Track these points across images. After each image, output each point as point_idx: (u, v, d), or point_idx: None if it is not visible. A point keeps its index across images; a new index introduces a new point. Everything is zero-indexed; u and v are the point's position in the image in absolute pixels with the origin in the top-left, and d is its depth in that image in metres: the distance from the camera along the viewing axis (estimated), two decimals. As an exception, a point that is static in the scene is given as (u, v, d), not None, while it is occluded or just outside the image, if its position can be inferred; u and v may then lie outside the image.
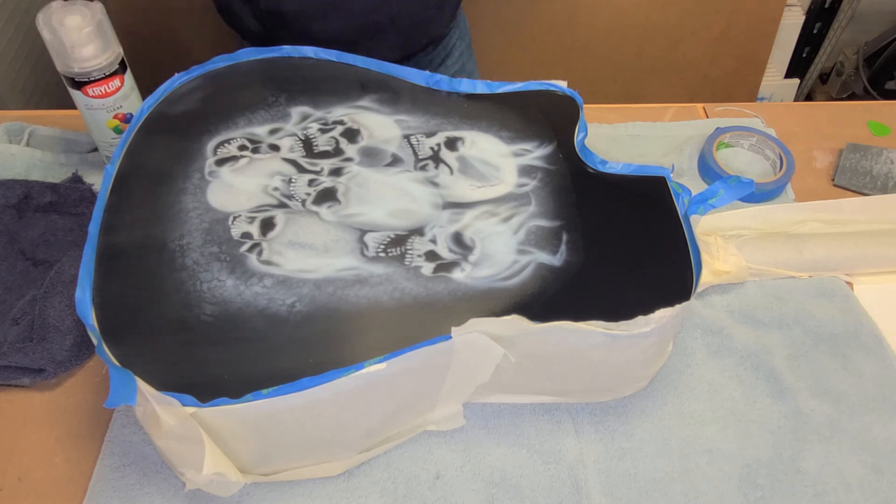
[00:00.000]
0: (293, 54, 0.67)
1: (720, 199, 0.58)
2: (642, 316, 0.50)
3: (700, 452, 0.56)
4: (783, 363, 0.61)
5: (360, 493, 0.53)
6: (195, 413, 0.44)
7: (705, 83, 1.56)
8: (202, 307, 0.50)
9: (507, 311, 0.50)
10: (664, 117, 0.84)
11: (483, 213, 0.57)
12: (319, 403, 0.46)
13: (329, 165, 0.59)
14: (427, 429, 0.55)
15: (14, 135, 0.75)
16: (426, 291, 0.52)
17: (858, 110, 0.86)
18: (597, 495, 0.53)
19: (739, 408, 0.58)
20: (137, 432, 0.55)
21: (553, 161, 0.61)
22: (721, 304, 0.65)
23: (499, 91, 0.66)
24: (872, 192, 0.75)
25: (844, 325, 0.63)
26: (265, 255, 0.53)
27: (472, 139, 0.63)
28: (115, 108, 0.67)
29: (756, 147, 0.79)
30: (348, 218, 0.56)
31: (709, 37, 1.47)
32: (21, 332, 0.59)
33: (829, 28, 1.78)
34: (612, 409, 0.58)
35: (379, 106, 0.64)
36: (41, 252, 0.66)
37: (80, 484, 0.53)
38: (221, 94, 0.64)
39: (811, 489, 0.54)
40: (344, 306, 0.50)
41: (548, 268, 0.54)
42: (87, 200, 0.70)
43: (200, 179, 0.57)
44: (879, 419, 0.58)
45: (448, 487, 0.53)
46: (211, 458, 0.45)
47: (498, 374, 0.52)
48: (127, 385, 0.44)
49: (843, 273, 0.67)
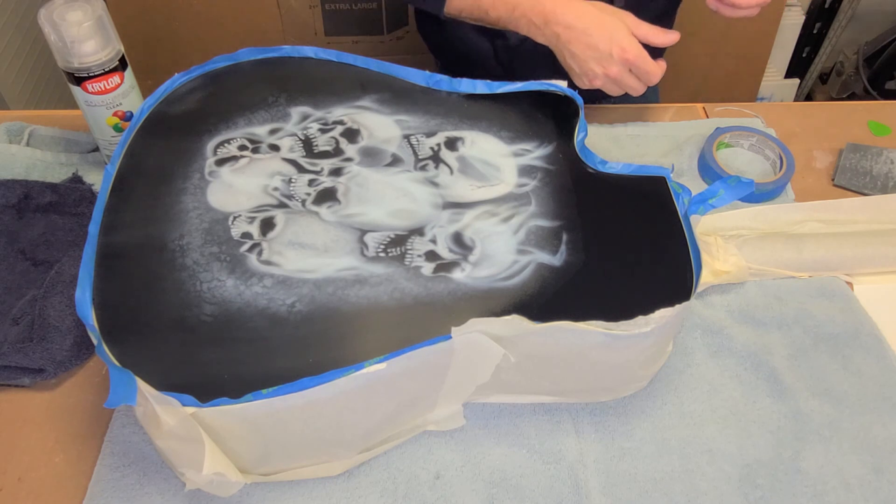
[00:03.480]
0: (293, 54, 0.67)
1: (720, 199, 0.58)
2: (642, 316, 0.49)
3: (700, 452, 0.56)
4: (783, 363, 0.61)
5: (360, 493, 0.53)
6: (195, 413, 0.44)
7: (705, 83, 1.56)
8: (202, 307, 0.50)
9: (507, 311, 0.50)
10: (664, 117, 0.84)
11: (483, 213, 0.57)
12: (319, 403, 0.46)
13: (329, 165, 0.59)
14: (427, 429, 0.55)
15: (14, 135, 0.75)
16: (426, 291, 0.52)
17: (858, 110, 0.86)
18: (597, 495, 0.53)
19: (739, 408, 0.58)
20: (137, 432, 0.55)
21: (553, 161, 0.61)
22: (721, 304, 0.65)
23: (499, 91, 0.66)
24: (872, 192, 0.75)
25: (844, 325, 0.63)
26: (265, 255, 0.53)
27: (472, 139, 0.63)
28: (115, 104, 0.67)
29: (756, 147, 0.79)
30: (348, 218, 0.56)
31: (709, 37, 1.47)
32: (21, 332, 0.59)
33: (829, 28, 1.78)
34: (612, 409, 0.58)
35: (379, 106, 0.64)
36: (41, 252, 0.66)
37: (80, 484, 0.53)
38: (221, 94, 0.64)
39: (811, 489, 0.54)
40: (344, 306, 0.50)
41: (548, 268, 0.54)
42: (87, 200, 0.70)
43: (200, 179, 0.57)
44: (879, 419, 0.58)
45: (448, 487, 0.53)
46: (211, 458, 0.45)
47: (498, 374, 0.52)
48: (127, 385, 0.44)
49: (843, 273, 0.67)
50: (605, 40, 0.66)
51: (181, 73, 0.64)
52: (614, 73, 0.67)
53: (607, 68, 0.67)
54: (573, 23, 0.67)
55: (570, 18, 0.67)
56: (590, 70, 0.68)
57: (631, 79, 0.68)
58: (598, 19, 0.67)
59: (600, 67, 0.67)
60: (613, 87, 0.69)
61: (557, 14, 0.68)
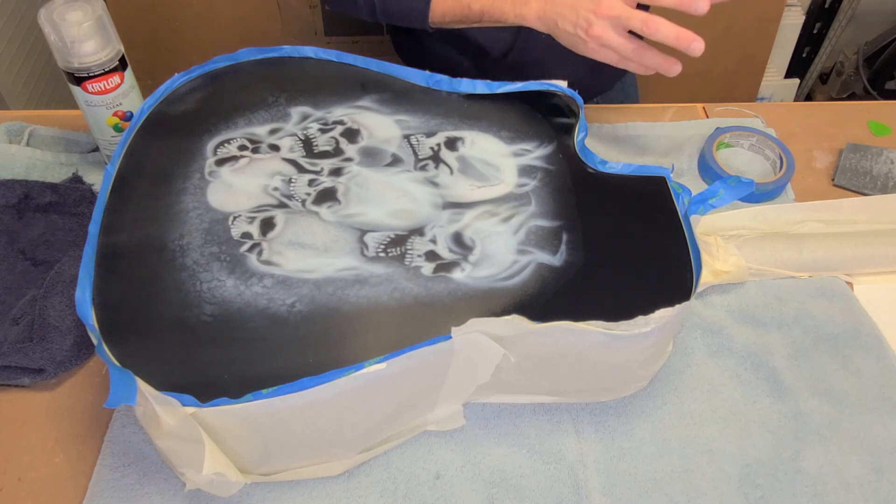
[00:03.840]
0: (293, 54, 0.67)
1: (720, 199, 0.58)
2: (642, 316, 0.50)
3: (700, 452, 0.56)
4: (783, 363, 0.61)
5: (360, 493, 0.53)
6: (195, 413, 0.44)
7: (705, 83, 1.56)
8: (202, 307, 0.50)
9: (507, 311, 0.50)
10: (664, 117, 0.84)
11: (483, 213, 0.57)
12: (319, 403, 0.46)
13: (329, 165, 0.59)
14: (427, 429, 0.55)
15: (14, 135, 0.75)
16: (426, 291, 0.52)
17: (858, 110, 0.86)
18: (597, 495, 0.53)
19: (739, 408, 0.58)
20: (137, 432, 0.55)
21: (553, 161, 0.61)
22: (721, 304, 0.65)
23: (499, 91, 0.66)
24: (872, 192, 0.75)
25: (844, 325, 0.63)
26: (265, 255, 0.53)
27: (472, 139, 0.63)
28: (115, 105, 0.67)
29: (756, 147, 0.79)
30: (348, 218, 0.56)
31: (709, 37, 1.47)
32: (21, 332, 0.59)
33: (829, 28, 1.78)
34: (612, 409, 0.58)
35: (379, 106, 0.64)
36: (41, 252, 0.66)
37: (80, 484, 0.53)
38: (221, 94, 0.64)
39: (811, 489, 0.54)
40: (344, 306, 0.50)
41: (548, 268, 0.54)
42: (87, 200, 0.70)
43: (200, 179, 0.57)
44: (879, 419, 0.58)
45: (448, 487, 0.53)
46: (211, 458, 0.45)
47: (498, 374, 0.52)
48: (127, 385, 0.44)
49: (843, 273, 0.67)
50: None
51: (181, 73, 0.64)
52: (607, 8, 0.63)
53: (598, 4, 0.63)
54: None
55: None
56: (582, 18, 0.64)
57: (625, 9, 0.63)
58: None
59: (590, 10, 0.64)
60: (615, 35, 0.64)
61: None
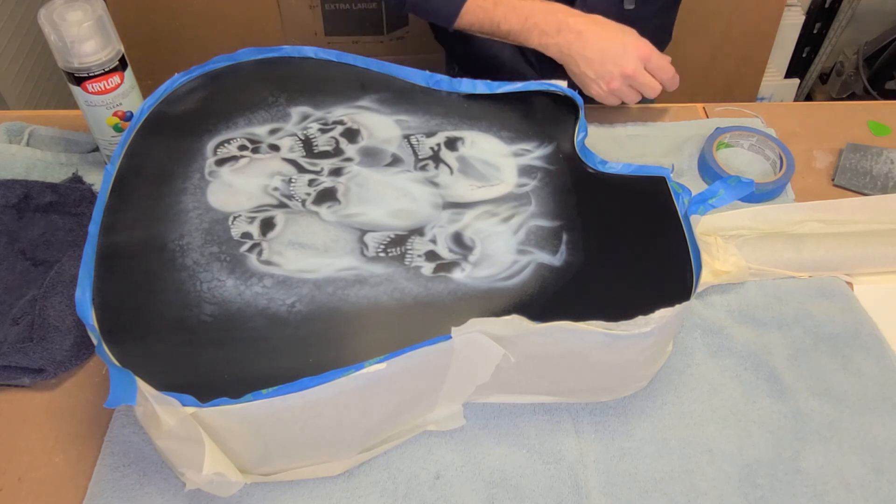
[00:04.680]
0: (293, 54, 0.67)
1: (720, 199, 0.58)
2: (642, 316, 0.50)
3: (700, 452, 0.56)
4: (783, 363, 0.61)
5: (360, 493, 0.53)
6: (195, 413, 0.44)
7: (705, 83, 1.56)
8: (202, 307, 0.50)
9: (507, 311, 0.50)
10: (664, 117, 0.84)
11: (483, 213, 0.57)
12: (319, 403, 0.46)
13: (329, 165, 0.59)
14: (427, 429, 0.55)
15: (14, 135, 0.75)
16: (426, 291, 0.52)
17: (858, 110, 0.86)
18: (597, 495, 0.53)
19: (739, 408, 0.58)
20: (137, 432, 0.55)
21: (553, 161, 0.61)
22: (721, 304, 0.65)
23: (499, 91, 0.66)
24: (872, 192, 0.75)
25: (844, 325, 0.63)
26: (265, 255, 0.53)
27: (472, 139, 0.63)
28: (115, 104, 0.67)
29: (756, 147, 0.79)
30: (348, 218, 0.56)
31: (709, 37, 1.47)
32: (21, 332, 0.59)
33: (829, 28, 1.78)
34: (612, 409, 0.58)
35: (379, 106, 0.64)
36: (41, 252, 0.66)
37: (80, 484, 0.53)
38: (221, 94, 0.64)
39: (811, 489, 0.54)
40: (344, 306, 0.50)
41: (548, 268, 0.54)
42: (87, 200, 0.70)
43: (200, 179, 0.57)
44: (879, 419, 0.58)
45: (448, 487, 0.53)
46: (211, 458, 0.45)
47: (498, 374, 0.52)
48: (127, 385, 0.44)
49: (843, 273, 0.67)
50: (619, 39, 0.71)
51: (181, 73, 0.64)
52: (631, 70, 0.70)
53: (624, 66, 0.70)
54: (585, 29, 0.72)
55: (582, 26, 0.72)
56: (606, 71, 0.71)
57: (645, 76, 0.72)
58: (609, 24, 0.72)
59: (616, 67, 0.71)
60: (629, 91, 0.73)
61: (570, 23, 0.72)
